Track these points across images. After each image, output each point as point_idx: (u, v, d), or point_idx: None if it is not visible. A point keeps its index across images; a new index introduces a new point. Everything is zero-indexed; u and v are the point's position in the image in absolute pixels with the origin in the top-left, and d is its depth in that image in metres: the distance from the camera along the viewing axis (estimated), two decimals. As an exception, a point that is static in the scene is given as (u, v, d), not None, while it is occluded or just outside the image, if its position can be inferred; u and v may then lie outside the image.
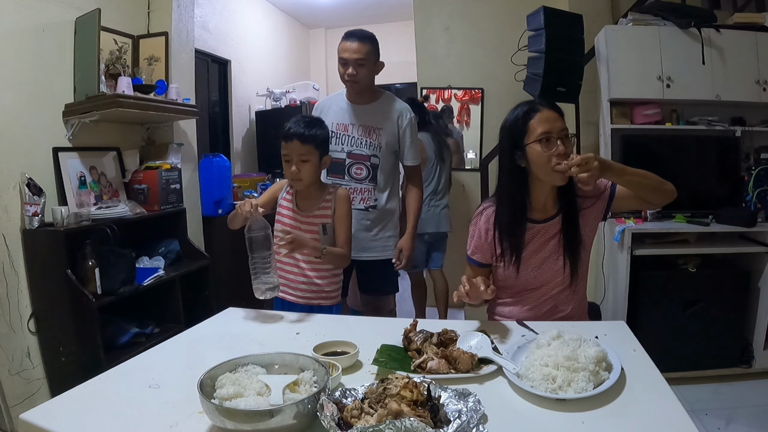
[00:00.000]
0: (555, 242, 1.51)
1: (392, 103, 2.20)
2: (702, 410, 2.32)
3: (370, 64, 2.11)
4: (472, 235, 1.58)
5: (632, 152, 2.88)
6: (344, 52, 2.07)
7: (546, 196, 1.50)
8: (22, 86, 2.28)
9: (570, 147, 1.42)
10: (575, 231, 1.50)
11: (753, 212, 2.62)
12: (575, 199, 1.51)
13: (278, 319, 1.58)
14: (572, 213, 1.51)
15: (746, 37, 2.85)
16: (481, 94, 3.93)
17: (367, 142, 2.15)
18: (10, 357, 2.18)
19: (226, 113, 4.65)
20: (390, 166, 2.22)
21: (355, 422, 0.84)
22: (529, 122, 1.44)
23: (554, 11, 2.76)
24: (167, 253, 2.80)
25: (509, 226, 1.50)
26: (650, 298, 2.60)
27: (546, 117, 1.43)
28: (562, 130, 1.42)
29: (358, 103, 2.17)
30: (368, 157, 2.15)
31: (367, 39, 2.09)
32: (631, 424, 0.91)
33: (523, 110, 1.47)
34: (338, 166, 2.17)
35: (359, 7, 5.67)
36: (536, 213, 1.52)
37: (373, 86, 2.19)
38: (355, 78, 2.08)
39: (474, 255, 1.58)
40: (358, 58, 2.05)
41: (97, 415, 0.99)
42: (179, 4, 3.05)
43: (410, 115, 2.18)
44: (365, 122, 2.16)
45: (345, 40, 2.09)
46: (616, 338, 1.28)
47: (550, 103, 1.48)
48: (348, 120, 2.17)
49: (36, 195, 2.21)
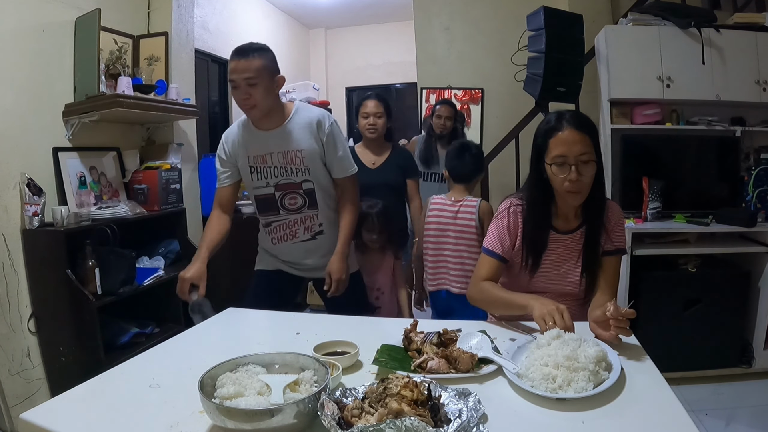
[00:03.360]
0: (575, 255, 1.49)
1: (306, 115, 1.87)
2: (702, 410, 2.32)
3: (265, 81, 1.74)
4: (497, 229, 1.53)
5: (632, 152, 2.88)
6: (232, 74, 1.73)
7: (569, 208, 1.48)
8: (22, 86, 2.28)
9: (587, 173, 1.37)
10: (596, 247, 1.48)
11: (753, 212, 2.62)
12: (601, 214, 1.48)
13: (278, 319, 1.58)
14: (595, 229, 1.47)
15: (746, 37, 2.85)
16: (481, 94, 3.93)
17: (292, 168, 1.86)
18: (10, 357, 2.18)
19: (226, 113, 4.65)
20: (328, 181, 1.94)
21: (356, 421, 0.84)
22: (549, 140, 1.40)
23: (554, 11, 2.76)
24: (167, 253, 2.80)
25: (531, 230, 1.49)
26: (650, 298, 2.60)
27: (565, 138, 1.37)
28: (581, 155, 1.36)
29: (268, 129, 1.84)
30: (299, 184, 1.87)
31: (255, 52, 1.73)
32: (631, 424, 0.91)
33: (547, 126, 1.43)
34: (268, 202, 1.91)
35: (359, 7, 5.67)
36: (559, 222, 1.50)
37: (278, 104, 1.84)
38: (251, 102, 1.74)
39: (495, 248, 1.52)
40: (249, 77, 1.70)
41: (97, 415, 0.99)
42: (179, 4, 3.05)
43: (329, 121, 1.88)
44: (283, 148, 1.84)
45: (230, 59, 1.74)
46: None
47: (578, 121, 1.40)
48: (263, 150, 1.85)
49: (36, 195, 2.21)
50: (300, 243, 1.95)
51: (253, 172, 1.88)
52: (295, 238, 1.94)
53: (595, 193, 1.46)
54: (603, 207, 1.48)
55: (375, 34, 6.38)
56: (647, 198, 2.75)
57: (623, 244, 1.52)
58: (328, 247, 1.93)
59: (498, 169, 3.31)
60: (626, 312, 1.17)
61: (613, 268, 1.50)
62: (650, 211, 2.74)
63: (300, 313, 1.65)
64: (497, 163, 3.25)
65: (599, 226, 1.47)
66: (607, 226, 1.48)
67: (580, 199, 1.42)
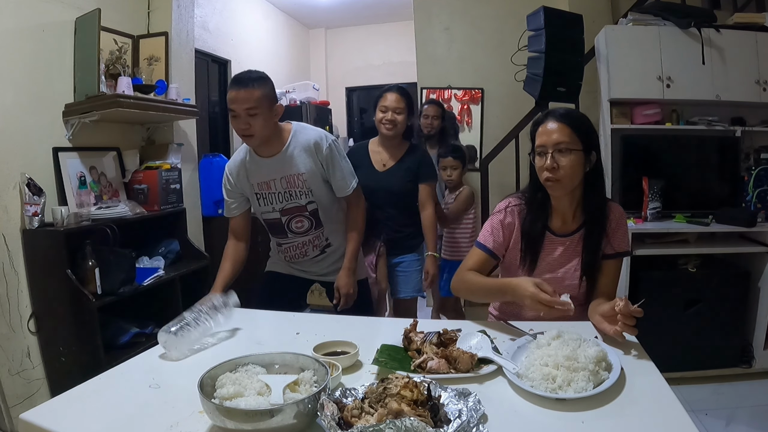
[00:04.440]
0: (574, 258, 1.47)
1: (303, 137, 1.87)
2: (702, 410, 2.32)
3: (265, 111, 1.73)
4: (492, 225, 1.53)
5: (632, 152, 2.88)
6: (232, 104, 1.72)
7: (565, 209, 1.47)
8: (22, 86, 2.28)
9: (565, 162, 1.37)
10: (596, 251, 1.45)
11: (753, 212, 2.62)
12: (600, 216, 1.45)
13: (278, 319, 1.58)
14: (594, 232, 1.45)
15: (746, 37, 2.85)
16: (481, 94, 3.92)
17: (296, 192, 1.88)
18: (10, 357, 2.18)
19: (226, 113, 4.64)
20: (331, 197, 1.95)
21: (356, 422, 0.84)
22: (535, 134, 1.44)
23: (554, 11, 2.76)
24: (167, 253, 2.80)
25: (528, 230, 1.48)
26: (650, 298, 2.59)
27: (545, 129, 1.41)
28: (558, 143, 1.37)
29: (269, 156, 1.86)
30: (304, 206, 1.90)
31: (255, 82, 1.71)
32: (631, 424, 0.91)
33: (534, 121, 1.47)
34: (276, 226, 1.94)
35: (359, 7, 5.67)
36: (556, 224, 1.49)
37: (276, 131, 1.84)
38: (250, 131, 1.73)
39: (486, 242, 1.52)
40: (249, 107, 1.69)
41: (97, 415, 0.99)
42: (179, 4, 3.05)
43: (327, 142, 1.86)
44: (285, 173, 1.86)
45: (230, 87, 1.74)
46: (616, 338, 1.27)
47: (561, 114, 1.43)
48: (266, 177, 1.87)
49: (36, 195, 2.21)
50: (310, 259, 2.01)
51: (259, 199, 1.92)
52: (306, 256, 2.00)
53: (593, 193, 1.45)
54: (602, 209, 1.46)
55: (375, 34, 6.38)
56: (647, 198, 2.75)
57: (625, 246, 1.50)
58: (338, 253, 2.01)
59: (498, 169, 3.31)
60: (635, 310, 1.17)
61: (612, 273, 1.48)
62: (650, 211, 2.75)
63: (300, 313, 1.65)
64: (497, 163, 3.24)
65: (599, 229, 1.45)
66: (608, 229, 1.46)
67: (561, 189, 1.40)
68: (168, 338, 1.27)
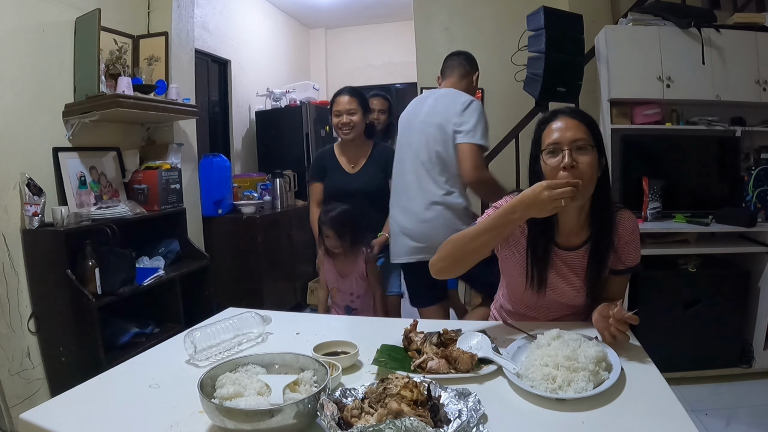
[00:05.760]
0: (579, 274, 1.35)
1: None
2: (702, 410, 2.32)
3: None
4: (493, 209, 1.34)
5: (632, 152, 2.88)
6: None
7: (572, 221, 1.31)
8: (22, 86, 2.28)
9: (583, 159, 1.22)
10: (601, 268, 1.33)
11: (753, 212, 2.62)
12: (608, 229, 1.31)
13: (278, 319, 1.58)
14: (601, 247, 1.31)
15: (746, 37, 2.85)
16: (482, 95, 3.92)
17: None
18: (10, 357, 2.18)
19: (226, 113, 4.65)
20: None
21: (356, 422, 0.84)
22: (542, 133, 1.29)
23: (554, 11, 2.76)
24: (167, 253, 2.80)
25: (533, 243, 1.35)
26: (650, 298, 2.60)
27: (558, 126, 1.25)
28: (575, 140, 1.22)
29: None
30: None
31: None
32: (631, 424, 0.91)
33: (541, 120, 1.32)
34: None
35: (359, 7, 5.66)
36: (562, 237, 1.34)
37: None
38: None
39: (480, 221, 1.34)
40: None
41: (97, 415, 0.99)
42: (179, 4, 3.05)
43: None
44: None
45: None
46: (616, 338, 1.27)
47: (573, 111, 1.30)
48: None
49: (36, 195, 2.21)
50: None
51: None
52: None
53: (601, 202, 1.30)
54: (610, 220, 1.32)
55: (375, 34, 6.37)
56: (647, 198, 2.75)
57: (635, 261, 1.37)
58: None
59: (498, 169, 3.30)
60: (629, 316, 1.14)
61: (619, 288, 1.39)
62: (650, 211, 2.74)
63: (300, 313, 1.64)
64: (497, 163, 3.24)
65: (606, 244, 1.31)
66: (617, 243, 1.33)
67: (581, 198, 1.22)
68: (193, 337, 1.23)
